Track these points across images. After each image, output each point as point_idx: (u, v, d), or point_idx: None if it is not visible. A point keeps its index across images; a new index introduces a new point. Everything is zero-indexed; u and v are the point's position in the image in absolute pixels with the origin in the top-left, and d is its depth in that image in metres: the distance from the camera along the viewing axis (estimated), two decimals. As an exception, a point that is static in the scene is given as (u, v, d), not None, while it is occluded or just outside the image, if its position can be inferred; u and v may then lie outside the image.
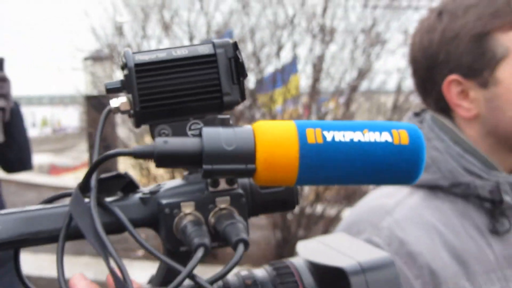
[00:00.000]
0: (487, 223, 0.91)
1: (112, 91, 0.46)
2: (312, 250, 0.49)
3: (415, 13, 4.15)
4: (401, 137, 0.39)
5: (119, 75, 0.70)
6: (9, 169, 2.04)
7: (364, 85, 4.45)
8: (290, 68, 4.30)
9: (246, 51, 4.15)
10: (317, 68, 4.18)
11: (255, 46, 4.21)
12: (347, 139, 0.39)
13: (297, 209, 3.35)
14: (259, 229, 4.31)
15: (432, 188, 0.92)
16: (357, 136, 0.39)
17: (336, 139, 0.38)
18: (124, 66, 0.44)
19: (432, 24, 0.93)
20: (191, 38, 4.35)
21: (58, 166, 12.00)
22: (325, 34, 4.09)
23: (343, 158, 0.38)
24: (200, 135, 0.40)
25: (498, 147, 0.92)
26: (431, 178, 0.91)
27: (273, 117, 4.14)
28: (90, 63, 5.92)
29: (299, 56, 4.37)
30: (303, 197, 4.04)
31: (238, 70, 0.45)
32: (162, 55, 0.44)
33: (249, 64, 4.11)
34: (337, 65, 4.26)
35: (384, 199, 0.94)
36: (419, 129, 0.41)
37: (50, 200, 0.47)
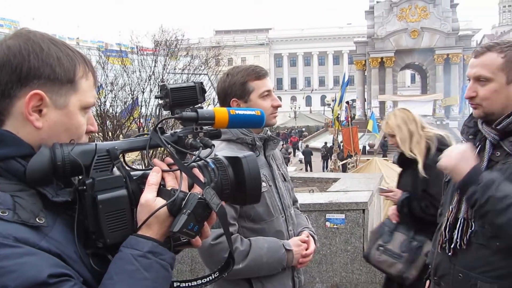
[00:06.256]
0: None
1: None
2: (223, 153, 1.23)
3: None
4: (257, 112, 1.19)
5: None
6: None
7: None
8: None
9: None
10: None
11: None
12: (242, 113, 1.16)
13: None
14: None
15: (228, 140, 2.18)
16: (246, 112, 1.17)
17: (240, 113, 1.15)
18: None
19: (225, 78, 2.25)
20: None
21: None
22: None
23: (242, 118, 1.16)
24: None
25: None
26: (228, 137, 2.19)
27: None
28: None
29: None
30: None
31: None
32: None
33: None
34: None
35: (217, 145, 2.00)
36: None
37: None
